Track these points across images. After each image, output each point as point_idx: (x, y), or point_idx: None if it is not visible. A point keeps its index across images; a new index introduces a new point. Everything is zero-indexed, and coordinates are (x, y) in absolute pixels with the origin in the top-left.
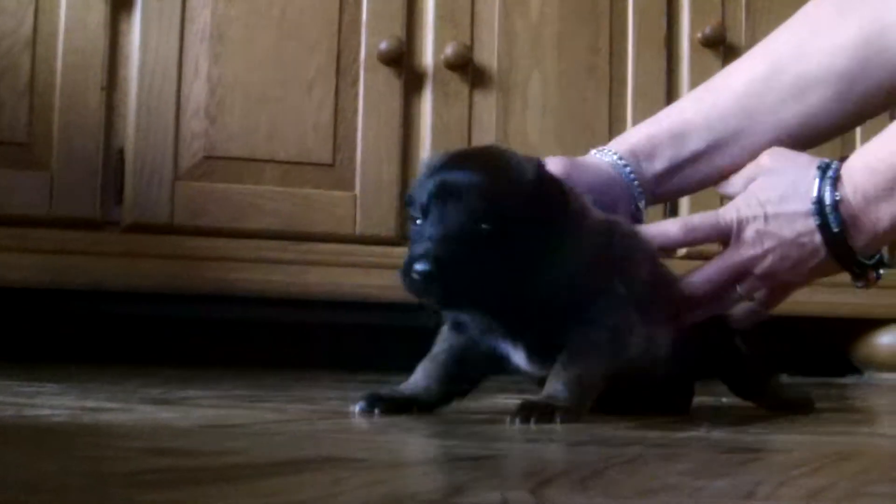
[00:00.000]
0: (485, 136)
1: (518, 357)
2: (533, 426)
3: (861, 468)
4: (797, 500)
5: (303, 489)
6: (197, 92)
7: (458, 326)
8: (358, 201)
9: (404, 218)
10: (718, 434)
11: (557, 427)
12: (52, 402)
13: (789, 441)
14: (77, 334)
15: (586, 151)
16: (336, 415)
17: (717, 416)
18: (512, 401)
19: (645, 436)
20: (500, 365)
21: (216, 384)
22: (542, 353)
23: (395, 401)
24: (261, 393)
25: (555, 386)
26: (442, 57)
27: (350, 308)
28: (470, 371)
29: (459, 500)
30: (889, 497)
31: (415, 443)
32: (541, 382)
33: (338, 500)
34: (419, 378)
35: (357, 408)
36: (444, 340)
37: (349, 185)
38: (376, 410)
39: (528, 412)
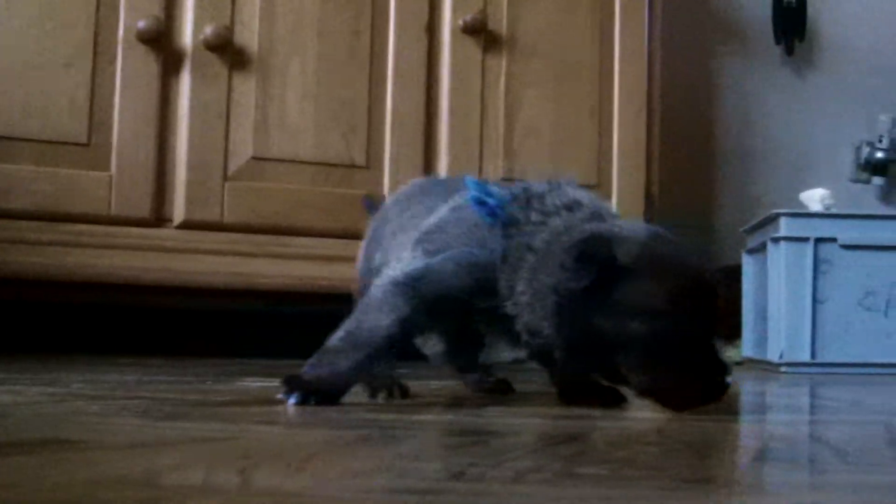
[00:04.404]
0: (243, 118)
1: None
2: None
3: (576, 450)
4: (503, 481)
5: (12, 472)
6: None
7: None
8: (113, 182)
9: (160, 199)
10: (451, 417)
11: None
12: None
13: (518, 424)
14: None
15: (345, 135)
16: (73, 397)
17: (458, 399)
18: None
19: (377, 418)
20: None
21: None
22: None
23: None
24: (4, 376)
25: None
26: (201, 38)
27: (114, 290)
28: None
29: (162, 481)
30: (595, 478)
31: (147, 426)
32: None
33: (42, 483)
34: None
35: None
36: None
37: (105, 166)
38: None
39: (506, 386)
